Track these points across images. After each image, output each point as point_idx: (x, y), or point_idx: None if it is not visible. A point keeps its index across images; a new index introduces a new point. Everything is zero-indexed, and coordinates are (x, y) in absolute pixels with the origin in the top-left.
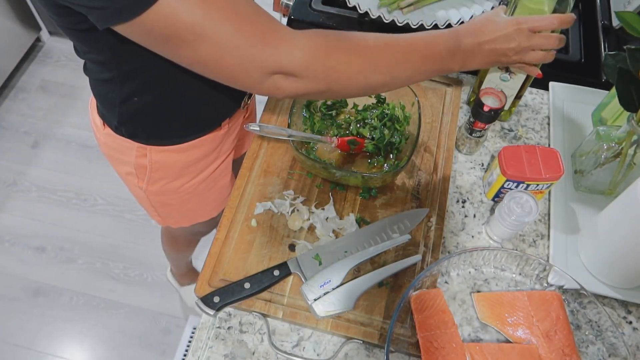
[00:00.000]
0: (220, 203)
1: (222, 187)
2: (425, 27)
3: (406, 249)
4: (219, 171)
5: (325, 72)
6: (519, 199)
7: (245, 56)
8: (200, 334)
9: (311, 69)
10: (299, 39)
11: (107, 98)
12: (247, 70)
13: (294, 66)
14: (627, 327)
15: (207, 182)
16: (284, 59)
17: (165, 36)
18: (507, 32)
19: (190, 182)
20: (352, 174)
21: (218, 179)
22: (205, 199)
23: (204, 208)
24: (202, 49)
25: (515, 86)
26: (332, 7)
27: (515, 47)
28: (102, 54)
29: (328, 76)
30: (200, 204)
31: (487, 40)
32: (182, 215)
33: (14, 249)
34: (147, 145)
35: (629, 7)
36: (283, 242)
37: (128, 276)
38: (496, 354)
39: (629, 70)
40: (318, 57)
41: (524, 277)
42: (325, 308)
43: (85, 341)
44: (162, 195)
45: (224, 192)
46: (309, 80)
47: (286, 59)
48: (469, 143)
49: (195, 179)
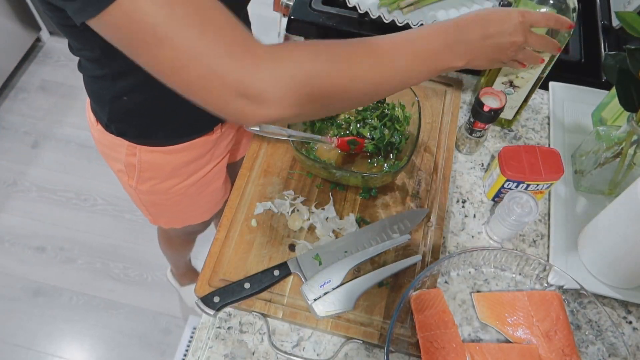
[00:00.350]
0: (212, 206)
1: (215, 190)
2: None
3: (406, 249)
4: (211, 175)
5: (297, 100)
6: (519, 199)
7: (206, 67)
8: (200, 334)
9: (278, 95)
10: (269, 57)
11: (98, 95)
12: (209, 86)
13: (257, 89)
14: (627, 327)
15: (199, 185)
16: (247, 78)
17: (129, 35)
18: (514, 24)
19: (180, 184)
20: (352, 174)
21: (210, 183)
22: (197, 202)
23: (195, 211)
24: (163, 54)
25: (519, 98)
26: (332, 7)
27: (517, 42)
28: (93, 52)
29: (301, 104)
30: (192, 206)
31: (494, 33)
32: (173, 217)
33: (14, 249)
34: (137, 145)
35: (629, 7)
36: (283, 242)
37: (128, 276)
38: (496, 354)
39: (629, 70)
40: (288, 85)
41: (524, 277)
42: (325, 308)
43: (85, 341)
44: (152, 195)
45: (216, 195)
46: (276, 107)
47: (250, 79)
48: (469, 143)
49: (186, 181)
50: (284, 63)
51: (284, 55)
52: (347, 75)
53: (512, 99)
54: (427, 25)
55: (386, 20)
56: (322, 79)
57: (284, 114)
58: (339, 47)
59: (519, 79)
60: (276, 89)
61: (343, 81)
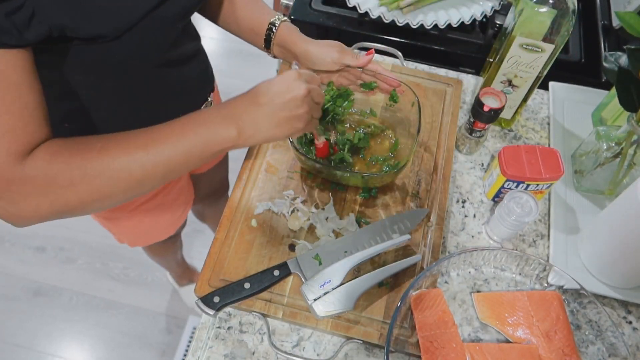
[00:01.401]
0: (175, 221)
1: (175, 206)
2: (425, 27)
3: (406, 249)
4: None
5: (47, 218)
6: (519, 199)
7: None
8: (200, 334)
9: (26, 219)
10: (16, 190)
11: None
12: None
13: (4, 215)
14: (627, 327)
15: (156, 203)
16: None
17: None
18: (287, 83)
19: (138, 205)
20: (352, 174)
21: (170, 201)
22: (158, 221)
23: (157, 229)
24: None
25: (518, 97)
26: (332, 7)
27: (302, 98)
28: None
29: (52, 218)
30: (153, 224)
31: (265, 94)
32: (136, 236)
33: (14, 249)
34: None
35: (629, 7)
36: (283, 242)
37: (128, 276)
38: (496, 354)
39: (629, 70)
40: (33, 215)
41: (524, 277)
42: (325, 308)
43: (85, 341)
44: (111, 216)
45: (177, 210)
46: (29, 222)
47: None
48: (469, 143)
49: (144, 202)
50: (28, 199)
51: (29, 188)
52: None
53: (511, 99)
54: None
55: (386, 20)
56: (70, 205)
57: (37, 222)
58: (96, 161)
59: (517, 79)
60: (23, 216)
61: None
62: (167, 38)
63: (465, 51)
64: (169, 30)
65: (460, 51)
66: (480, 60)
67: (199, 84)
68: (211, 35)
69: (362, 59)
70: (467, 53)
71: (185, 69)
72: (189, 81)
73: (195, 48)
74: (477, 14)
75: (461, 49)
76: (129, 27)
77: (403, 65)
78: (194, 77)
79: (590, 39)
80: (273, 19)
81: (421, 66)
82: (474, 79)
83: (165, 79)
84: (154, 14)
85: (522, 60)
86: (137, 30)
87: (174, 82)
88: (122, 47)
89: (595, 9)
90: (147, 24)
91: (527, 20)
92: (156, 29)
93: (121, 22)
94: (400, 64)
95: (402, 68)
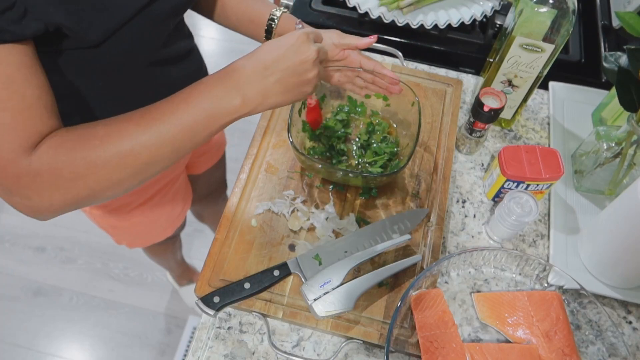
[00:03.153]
0: (173, 221)
1: (173, 207)
2: (425, 27)
3: (406, 249)
4: (165, 194)
5: (66, 209)
6: (519, 199)
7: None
8: (200, 334)
9: (44, 209)
10: (30, 182)
11: None
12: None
13: (22, 206)
14: (627, 327)
15: (152, 205)
16: (9, 199)
17: None
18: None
19: (135, 206)
20: (352, 174)
21: (167, 202)
22: (155, 222)
23: (155, 230)
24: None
25: (518, 97)
26: (332, 7)
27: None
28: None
29: (71, 208)
30: (151, 226)
31: (272, 59)
32: (134, 238)
33: (14, 249)
34: None
35: (629, 7)
36: (283, 242)
37: (128, 276)
38: (496, 354)
39: (629, 70)
40: (49, 207)
41: (524, 277)
42: (325, 308)
43: (85, 341)
44: (108, 218)
45: (174, 212)
46: (48, 214)
47: (11, 200)
48: (469, 143)
49: (141, 203)
50: (41, 193)
51: (39, 182)
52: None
53: (511, 99)
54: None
55: (386, 20)
56: (81, 196)
57: (56, 215)
58: (100, 149)
59: (517, 79)
60: (40, 210)
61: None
62: (158, 36)
63: (465, 51)
64: (160, 29)
65: (460, 51)
66: (480, 60)
67: (192, 83)
68: (211, 35)
69: (363, 40)
70: (467, 53)
71: (178, 67)
72: (182, 80)
73: (189, 47)
74: (477, 14)
75: (461, 49)
76: (121, 25)
77: (403, 65)
78: (187, 76)
79: (590, 39)
80: (274, 10)
81: (421, 66)
82: (474, 79)
83: (158, 78)
84: (145, 11)
85: (522, 60)
86: (129, 28)
87: (166, 81)
88: (113, 45)
89: (595, 9)
90: (138, 21)
91: (527, 20)
92: (147, 27)
93: (113, 20)
94: (400, 64)
95: (402, 68)
